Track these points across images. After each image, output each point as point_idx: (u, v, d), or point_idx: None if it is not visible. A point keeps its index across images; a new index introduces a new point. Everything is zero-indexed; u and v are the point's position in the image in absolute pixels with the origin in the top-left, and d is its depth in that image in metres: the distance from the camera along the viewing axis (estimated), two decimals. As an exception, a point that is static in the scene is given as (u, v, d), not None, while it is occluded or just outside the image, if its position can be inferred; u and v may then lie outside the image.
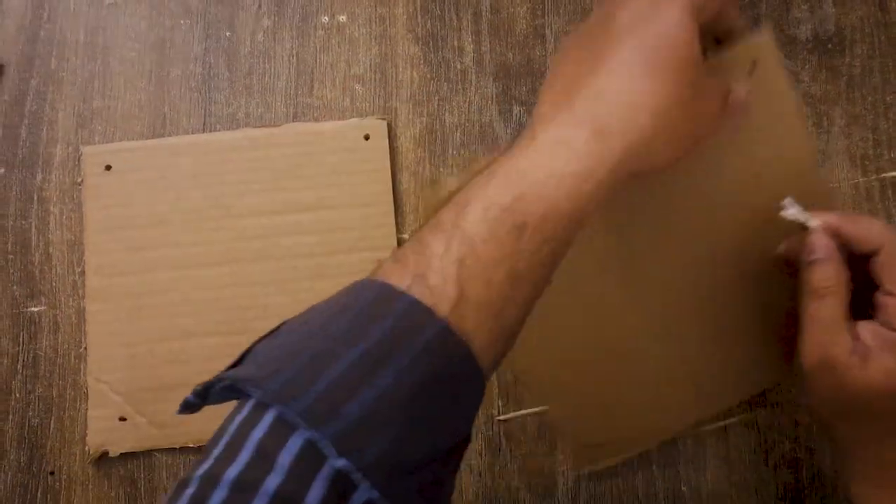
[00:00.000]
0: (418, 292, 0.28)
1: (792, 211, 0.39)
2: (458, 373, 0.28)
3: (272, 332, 0.31)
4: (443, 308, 0.28)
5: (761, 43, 0.42)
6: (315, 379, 0.26)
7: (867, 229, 0.37)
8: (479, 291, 0.29)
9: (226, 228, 0.51)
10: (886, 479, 0.37)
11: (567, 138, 0.31)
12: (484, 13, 0.54)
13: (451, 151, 0.53)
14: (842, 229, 0.37)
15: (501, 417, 0.50)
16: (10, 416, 0.50)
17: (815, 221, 0.38)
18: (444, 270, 0.29)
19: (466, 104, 0.53)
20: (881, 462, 0.37)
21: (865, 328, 0.36)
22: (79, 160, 0.52)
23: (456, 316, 0.28)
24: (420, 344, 0.27)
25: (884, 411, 0.36)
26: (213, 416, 0.50)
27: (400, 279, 0.29)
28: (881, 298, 0.36)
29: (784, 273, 0.41)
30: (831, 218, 0.38)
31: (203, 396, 0.29)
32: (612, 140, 0.31)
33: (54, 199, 0.52)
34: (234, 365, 0.30)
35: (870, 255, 0.37)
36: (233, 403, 0.29)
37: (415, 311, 0.28)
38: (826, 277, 0.36)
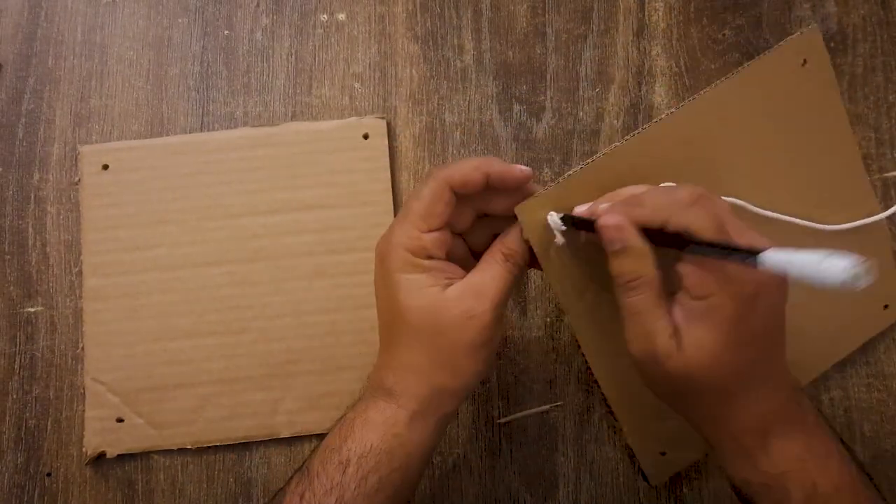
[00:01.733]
0: None
1: (554, 220, 0.38)
2: None
3: None
4: None
5: (811, 39, 0.42)
6: None
7: (653, 207, 0.35)
8: None
9: (224, 228, 0.50)
10: (742, 449, 0.36)
11: (375, 398, 0.39)
12: (484, 11, 0.54)
13: (450, 150, 0.53)
14: (631, 214, 0.35)
15: (501, 420, 0.50)
16: (7, 418, 0.50)
17: (606, 215, 0.35)
18: (291, 501, 0.37)
19: (466, 103, 0.53)
20: (731, 434, 0.36)
21: (675, 306, 0.35)
22: (76, 159, 0.52)
23: None
24: None
25: (711, 386, 0.35)
26: (212, 417, 0.50)
27: None
28: (682, 268, 0.34)
29: None
30: (615, 208, 0.36)
31: None
32: (401, 399, 0.38)
33: (51, 198, 0.52)
34: None
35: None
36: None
37: None
38: (629, 270, 0.35)
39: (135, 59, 0.54)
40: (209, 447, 0.49)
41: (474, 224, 0.41)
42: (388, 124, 0.52)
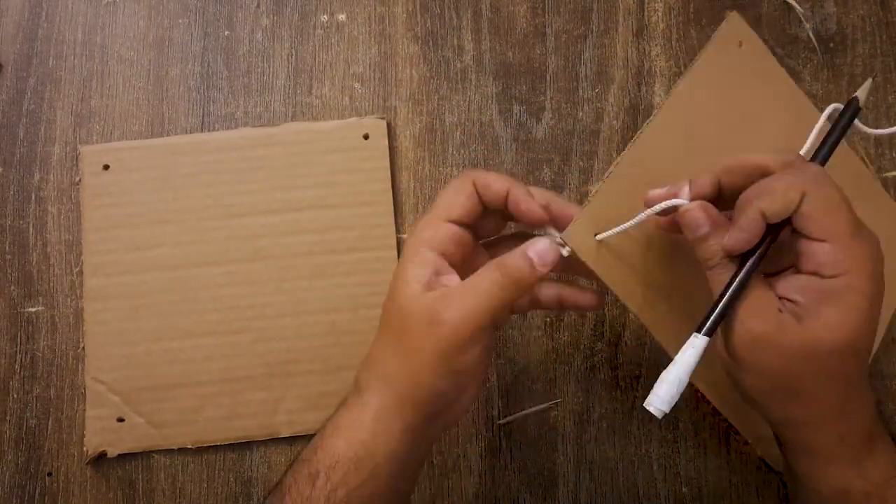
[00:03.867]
0: None
1: (558, 238, 0.36)
2: None
3: None
4: None
5: (736, 23, 0.43)
6: None
7: (782, 195, 0.32)
8: None
9: (224, 228, 0.51)
10: (850, 453, 0.33)
11: (348, 397, 0.38)
12: (484, 12, 0.54)
13: (450, 151, 0.53)
14: (723, 185, 0.34)
15: (502, 421, 0.50)
16: (8, 417, 0.50)
17: (686, 199, 0.35)
18: None
19: (466, 103, 0.53)
20: (840, 436, 0.33)
21: (790, 284, 0.33)
22: (77, 159, 0.52)
23: None
24: None
25: (835, 373, 0.32)
26: (212, 417, 0.50)
27: None
28: (806, 247, 0.32)
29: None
30: (706, 179, 0.34)
31: None
32: (366, 396, 0.37)
33: (52, 198, 0.52)
34: None
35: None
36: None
37: None
38: (715, 251, 0.33)
39: (135, 59, 0.54)
40: (209, 447, 0.49)
41: (500, 240, 0.40)
42: (389, 125, 0.52)
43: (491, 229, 0.40)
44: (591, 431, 0.50)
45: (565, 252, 0.36)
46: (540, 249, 0.36)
